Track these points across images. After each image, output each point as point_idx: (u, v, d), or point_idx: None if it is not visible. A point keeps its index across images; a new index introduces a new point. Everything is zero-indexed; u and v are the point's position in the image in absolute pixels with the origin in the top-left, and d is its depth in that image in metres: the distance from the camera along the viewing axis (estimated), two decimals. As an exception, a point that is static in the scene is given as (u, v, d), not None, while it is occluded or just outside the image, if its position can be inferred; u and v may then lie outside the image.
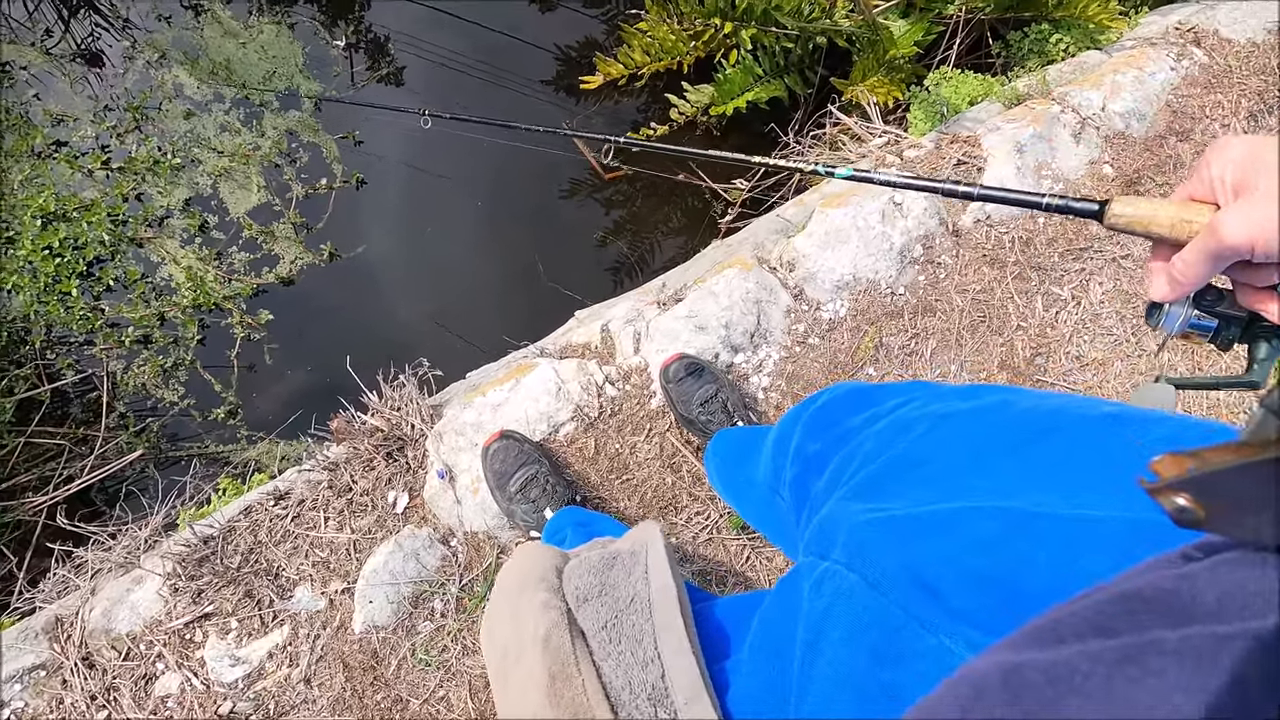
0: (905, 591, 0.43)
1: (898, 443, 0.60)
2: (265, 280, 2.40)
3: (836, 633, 0.45)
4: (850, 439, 0.69)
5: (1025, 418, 0.53)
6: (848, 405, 0.75)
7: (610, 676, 0.51)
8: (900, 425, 0.63)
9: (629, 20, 2.59)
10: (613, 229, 2.71)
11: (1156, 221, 0.47)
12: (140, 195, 2.42)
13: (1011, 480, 0.48)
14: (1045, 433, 0.50)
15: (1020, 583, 0.39)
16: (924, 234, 1.71)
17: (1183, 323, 0.49)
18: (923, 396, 0.67)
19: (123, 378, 2.30)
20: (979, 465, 0.51)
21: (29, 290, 2.26)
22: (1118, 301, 1.72)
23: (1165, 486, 0.26)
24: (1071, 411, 0.52)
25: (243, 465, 2.26)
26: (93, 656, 1.33)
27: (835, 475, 0.67)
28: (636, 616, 0.55)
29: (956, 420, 0.58)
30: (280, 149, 2.53)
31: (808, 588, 0.51)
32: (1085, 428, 0.49)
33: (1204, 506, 0.25)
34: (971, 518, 0.45)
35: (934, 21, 2.18)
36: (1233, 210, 0.42)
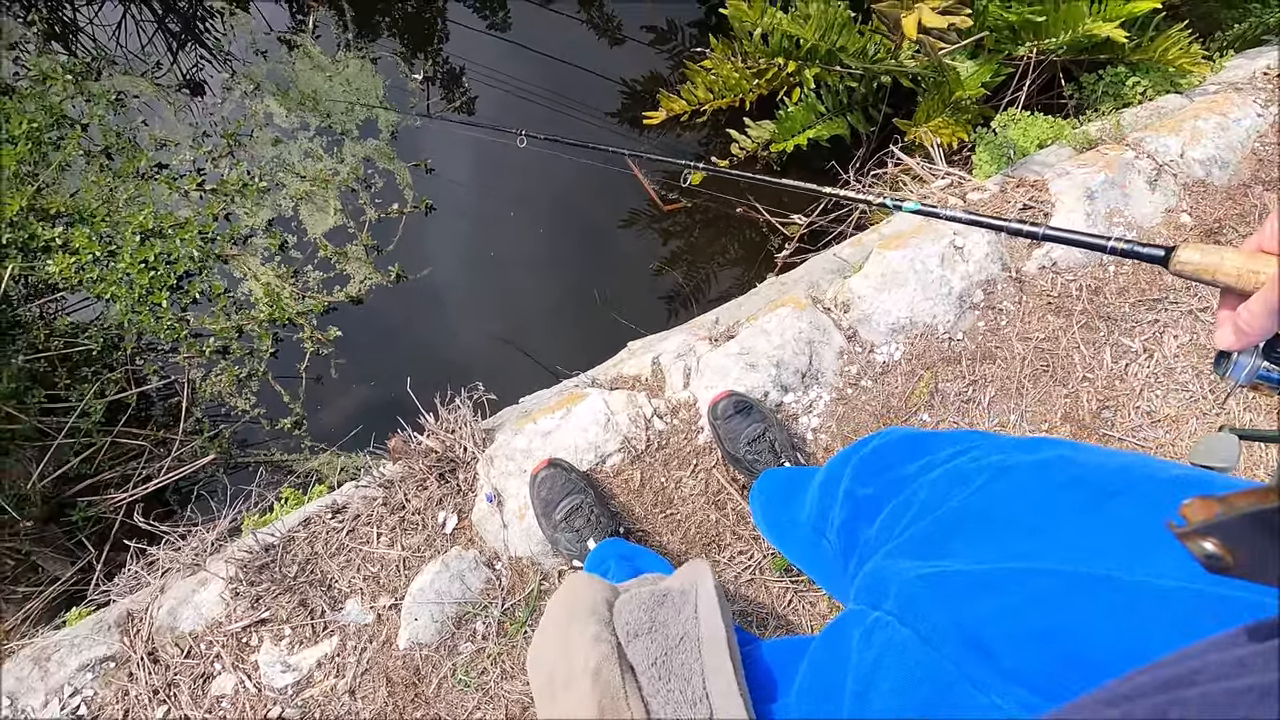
0: (958, 649, 0.43)
1: (954, 496, 0.60)
2: (336, 298, 2.52)
3: (887, 684, 0.45)
4: (904, 486, 0.68)
5: (1089, 477, 0.52)
6: (902, 451, 0.75)
7: (658, 713, 0.52)
8: (957, 476, 0.62)
9: (694, 58, 2.64)
10: (669, 259, 2.74)
11: (1223, 270, 0.47)
12: (229, 215, 2.58)
13: (1073, 542, 0.47)
14: (1110, 495, 0.49)
15: (1077, 647, 0.38)
16: (985, 279, 1.67)
17: (1250, 373, 0.48)
18: (981, 447, 0.66)
19: (201, 385, 2.44)
20: (1039, 525, 0.50)
21: (125, 300, 2.43)
22: (1194, 356, 1.64)
23: (1193, 531, 0.26)
24: (1137, 473, 0.51)
25: (305, 475, 2.36)
26: (158, 652, 1.40)
27: (888, 523, 0.67)
28: (686, 655, 0.55)
29: (1016, 475, 0.57)
30: (357, 175, 2.67)
31: (857, 636, 0.52)
32: (1152, 490, 0.48)
33: (1231, 552, 0.25)
34: (1030, 578, 0.45)
35: (1003, 63, 2.16)
36: None
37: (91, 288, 2.44)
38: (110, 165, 2.59)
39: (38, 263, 2.43)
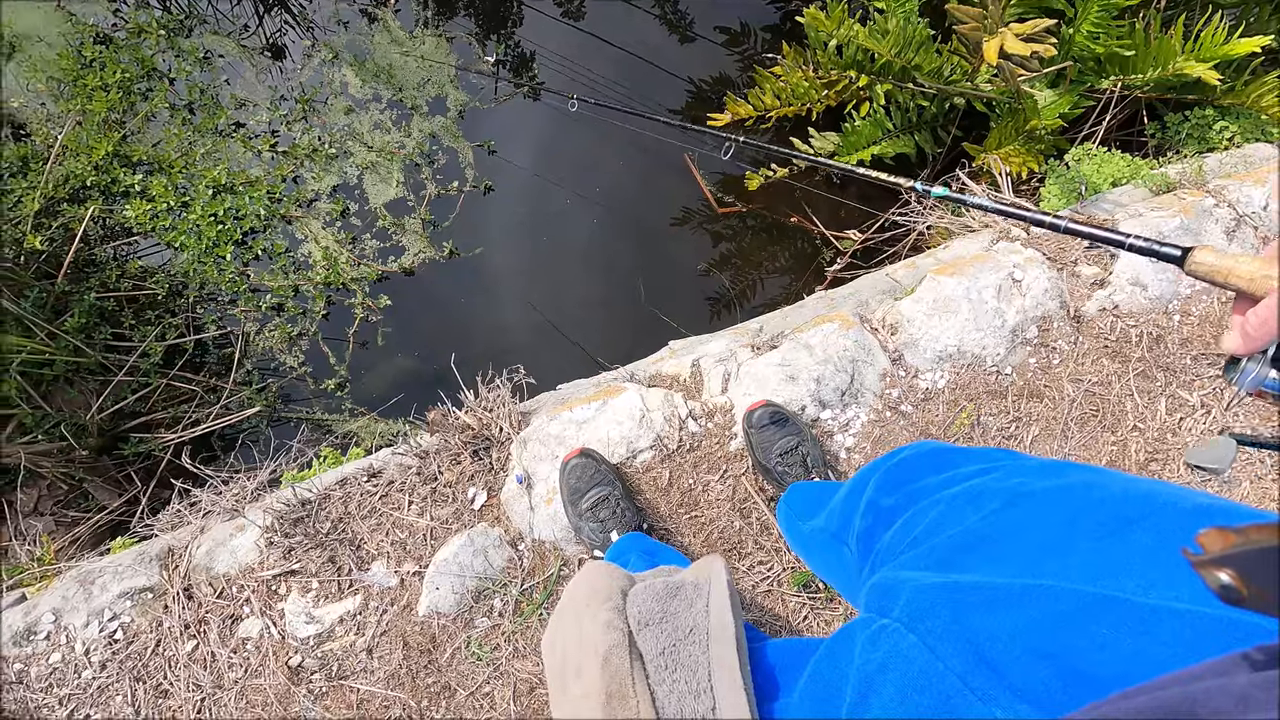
0: (964, 661, 0.43)
1: (969, 514, 0.60)
2: (389, 268, 2.58)
3: (889, 689, 0.46)
4: (922, 498, 0.68)
5: (1110, 503, 0.52)
6: (927, 464, 0.75)
7: (663, 701, 0.53)
8: (975, 495, 0.62)
9: (764, 63, 2.63)
10: (718, 262, 2.74)
11: (1236, 274, 0.47)
12: (297, 178, 2.67)
13: (1089, 564, 0.47)
14: (1130, 522, 0.49)
15: (1085, 665, 0.38)
16: (1041, 315, 1.63)
17: (1255, 379, 0.49)
18: (1006, 467, 0.65)
19: (254, 339, 2.53)
20: (1055, 547, 0.50)
21: (192, 250, 2.53)
22: (1255, 417, 1.58)
23: (1209, 561, 0.26)
24: (1159, 500, 0.50)
25: (343, 436, 2.43)
26: (193, 589, 1.47)
27: (901, 533, 0.67)
28: (694, 647, 0.56)
29: (1037, 500, 0.57)
30: (422, 150, 2.73)
31: (863, 641, 0.52)
32: (1172, 518, 0.48)
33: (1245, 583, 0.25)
34: (1041, 595, 0.45)
35: (1084, 95, 2.09)
36: None
37: (163, 235, 2.55)
38: (192, 120, 2.70)
39: (116, 206, 2.55)
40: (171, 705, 1.38)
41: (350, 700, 1.35)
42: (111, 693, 1.38)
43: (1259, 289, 0.46)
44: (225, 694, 1.38)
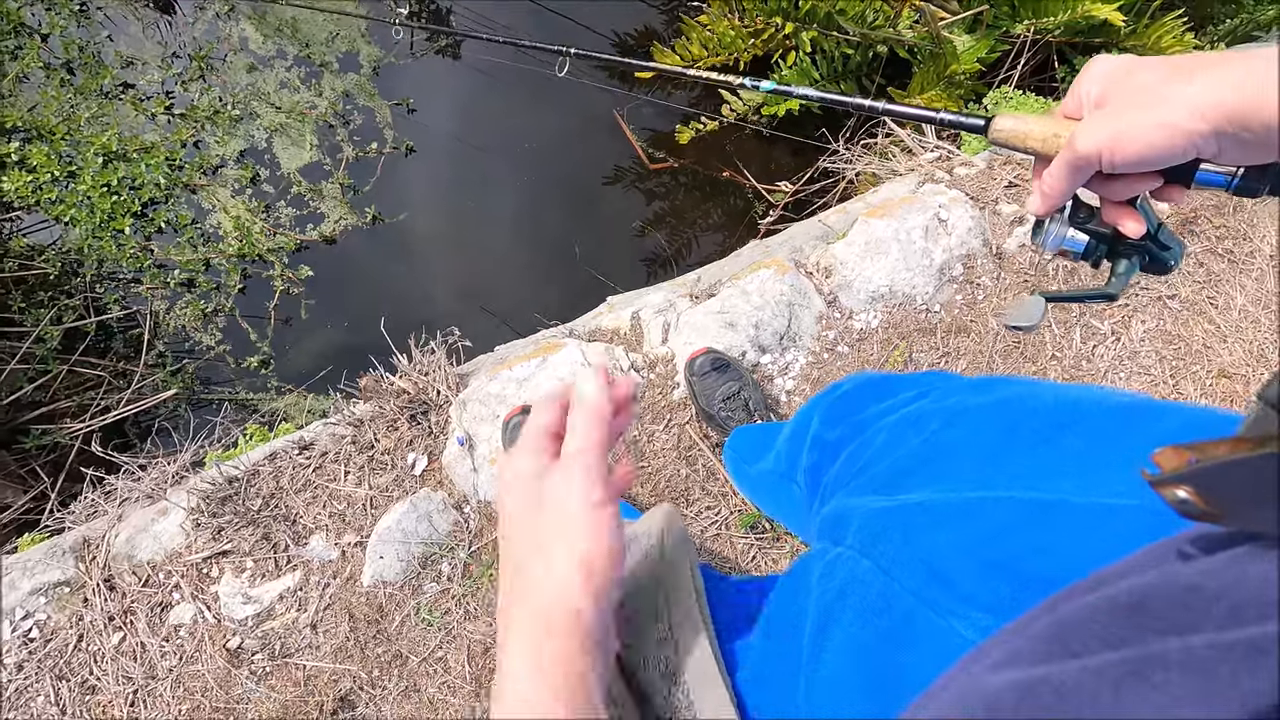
0: (917, 577, 0.44)
1: (911, 438, 0.61)
2: (309, 237, 2.45)
3: (848, 615, 0.46)
4: (866, 428, 0.69)
5: (1042, 412, 0.53)
6: (867, 394, 0.76)
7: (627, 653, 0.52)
8: (915, 419, 0.63)
9: (690, 13, 2.58)
10: (652, 220, 2.71)
11: (1032, 136, 0.48)
12: (198, 143, 2.48)
13: (1026, 472, 0.49)
14: (1061, 427, 0.51)
15: (1033, 569, 0.39)
16: (966, 253, 1.69)
17: (1056, 239, 0.51)
18: (941, 389, 0.67)
19: (165, 318, 2.37)
20: (994, 459, 0.52)
21: (85, 224, 2.33)
22: (1159, 341, 1.69)
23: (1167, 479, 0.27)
24: (1087, 403, 0.52)
25: (270, 415, 2.32)
26: (114, 580, 1.38)
27: (847, 463, 0.68)
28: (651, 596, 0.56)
29: (972, 416, 0.58)
30: (335, 110, 2.58)
31: (819, 572, 0.52)
32: (1101, 420, 0.50)
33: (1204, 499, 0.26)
34: (985, 507, 0.46)
35: (1000, 39, 2.15)
36: (1086, 121, 0.43)
37: (50, 209, 2.34)
38: (71, 81, 2.46)
39: (-8, 179, 2.32)
40: (101, 700, 1.30)
41: (297, 677, 1.31)
42: (32, 694, 1.30)
43: (1051, 149, 0.47)
44: (159, 684, 1.31)
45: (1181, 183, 0.45)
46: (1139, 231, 0.48)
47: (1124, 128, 0.41)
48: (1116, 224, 0.48)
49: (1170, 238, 0.51)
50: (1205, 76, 0.38)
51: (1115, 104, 0.42)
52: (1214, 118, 0.38)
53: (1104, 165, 0.43)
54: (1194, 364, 1.66)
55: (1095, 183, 0.46)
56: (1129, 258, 0.51)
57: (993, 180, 1.81)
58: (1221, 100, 0.37)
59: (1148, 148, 0.40)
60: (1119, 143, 0.41)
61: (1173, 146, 0.40)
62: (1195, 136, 0.39)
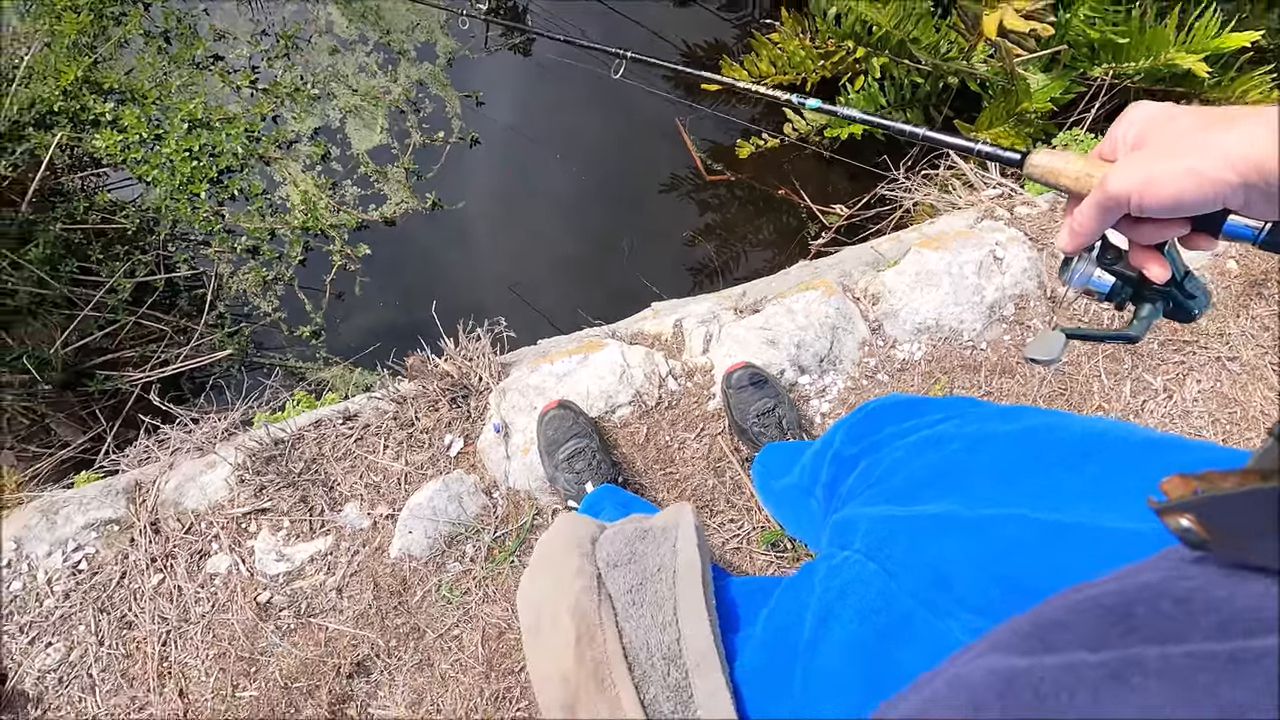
0: (919, 580, 0.45)
1: (929, 455, 0.62)
2: (370, 217, 2.53)
3: (848, 612, 0.48)
4: (885, 445, 0.70)
5: (1067, 442, 0.54)
6: (892, 414, 0.77)
7: (630, 636, 0.54)
8: (936, 439, 0.64)
9: (762, 29, 2.60)
10: (703, 230, 2.73)
11: (1065, 174, 0.49)
12: (277, 117, 2.59)
13: (1044, 494, 0.49)
14: (1085, 456, 0.51)
15: (1037, 583, 0.40)
16: (1019, 293, 1.66)
17: (1081, 278, 0.51)
18: (967, 414, 0.68)
19: (228, 281, 2.47)
20: (1012, 480, 0.53)
21: (165, 185, 2.46)
22: (1213, 403, 1.63)
23: (1172, 507, 0.27)
24: (1111, 436, 0.52)
25: (316, 384, 2.40)
26: (160, 524, 1.45)
27: (863, 475, 0.69)
28: (661, 584, 0.58)
29: (997, 442, 0.59)
30: (408, 97, 2.67)
31: (824, 571, 0.54)
32: (1124, 451, 0.50)
33: (1207, 529, 0.26)
34: (998, 523, 0.46)
35: (1076, 81, 2.11)
36: (1120, 163, 0.43)
37: (134, 168, 2.47)
38: (167, 49, 2.60)
39: (86, 135, 2.46)
40: (136, 637, 1.37)
41: (319, 638, 1.36)
42: (74, 622, 1.37)
43: (1083, 188, 0.47)
44: (191, 627, 1.37)
45: (1209, 232, 0.45)
46: (1164, 277, 0.48)
47: (1155, 172, 0.41)
48: (1142, 268, 0.48)
49: (1197, 287, 0.51)
50: (1242, 127, 0.38)
51: (1151, 148, 0.43)
52: (1243, 169, 0.38)
53: (1133, 208, 0.43)
54: (1249, 430, 1.61)
55: (1124, 225, 0.46)
56: (1153, 302, 0.51)
57: (1054, 222, 1.78)
58: (1251, 152, 0.37)
59: (1176, 194, 0.40)
60: (1149, 186, 0.41)
61: (1200, 194, 0.40)
62: (1223, 186, 0.39)
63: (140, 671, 1.34)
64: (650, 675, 0.52)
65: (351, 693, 1.33)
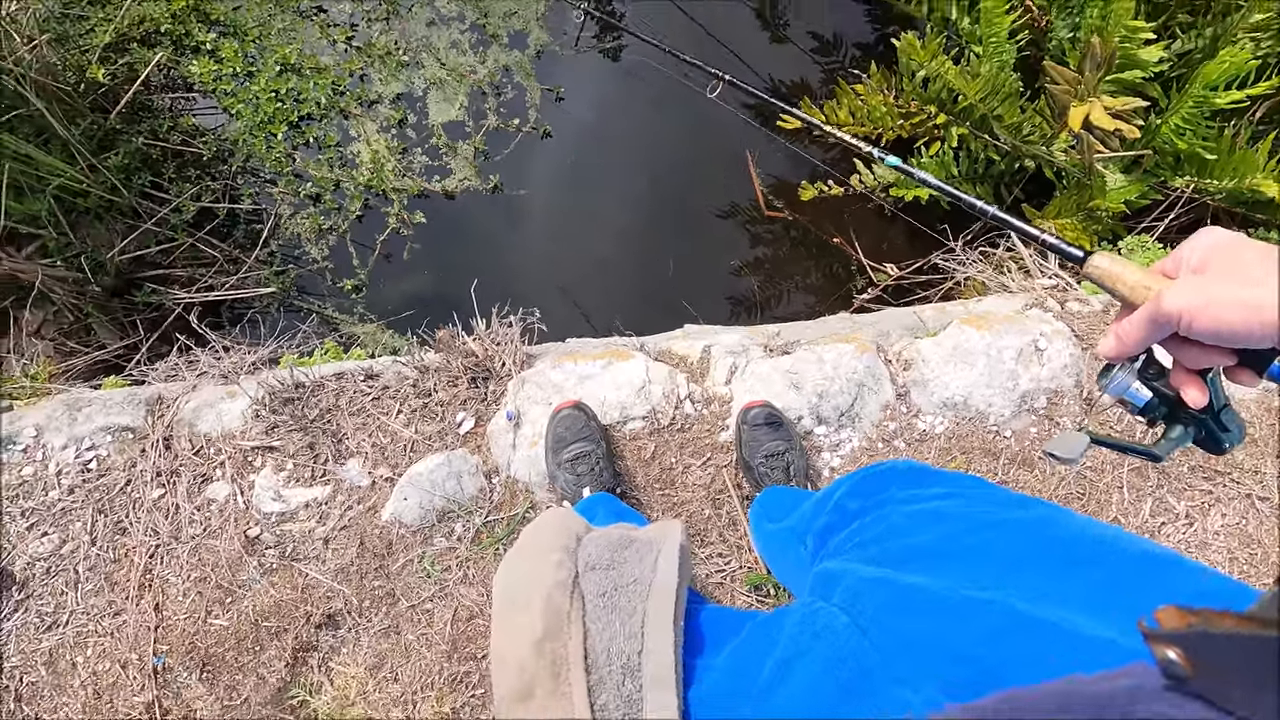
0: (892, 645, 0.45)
1: (926, 530, 0.61)
2: (432, 187, 2.59)
3: (813, 659, 0.48)
4: (886, 506, 0.70)
5: (1065, 542, 0.53)
6: (900, 479, 0.77)
7: (594, 639, 0.55)
8: (936, 515, 0.64)
9: (848, 78, 2.60)
10: (751, 263, 2.73)
11: (1123, 280, 0.49)
12: (364, 76, 2.67)
13: (1033, 589, 0.49)
14: (1079, 562, 0.51)
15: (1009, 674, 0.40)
16: (1054, 388, 1.63)
17: (1119, 386, 0.51)
18: (972, 495, 0.67)
19: (285, 222, 2.54)
20: (1005, 568, 0.52)
21: (246, 120, 2.54)
22: (1235, 540, 1.58)
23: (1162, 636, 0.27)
24: (1110, 544, 0.52)
25: (348, 338, 2.45)
26: (172, 441, 1.49)
27: (857, 533, 0.69)
28: (634, 596, 0.58)
29: (995, 529, 0.58)
30: (492, 80, 2.72)
31: (798, 617, 0.54)
32: (1123, 563, 0.50)
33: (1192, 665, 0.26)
34: (980, 607, 0.46)
35: (1154, 188, 2.07)
36: (1178, 282, 0.44)
37: (222, 99, 2.56)
38: (276, -7, 2.69)
39: (184, 60, 2.56)
40: (127, 544, 1.41)
41: (297, 583, 1.38)
42: (73, 518, 1.41)
43: (1138, 298, 0.47)
44: (180, 547, 1.40)
45: (1255, 369, 0.45)
46: (1201, 403, 0.48)
47: (1210, 298, 0.41)
48: (1181, 389, 0.48)
49: (1232, 420, 0.50)
50: None
51: (1212, 274, 0.43)
52: None
53: (1182, 328, 0.43)
54: (1267, 575, 1.55)
55: (1171, 344, 0.46)
56: (1185, 426, 0.50)
57: (1103, 324, 1.75)
58: None
59: (1228, 323, 0.40)
60: (1202, 310, 0.41)
61: (1249, 329, 0.40)
62: (1272, 327, 0.39)
63: (124, 578, 1.37)
64: (606, 682, 0.53)
65: (317, 643, 1.35)
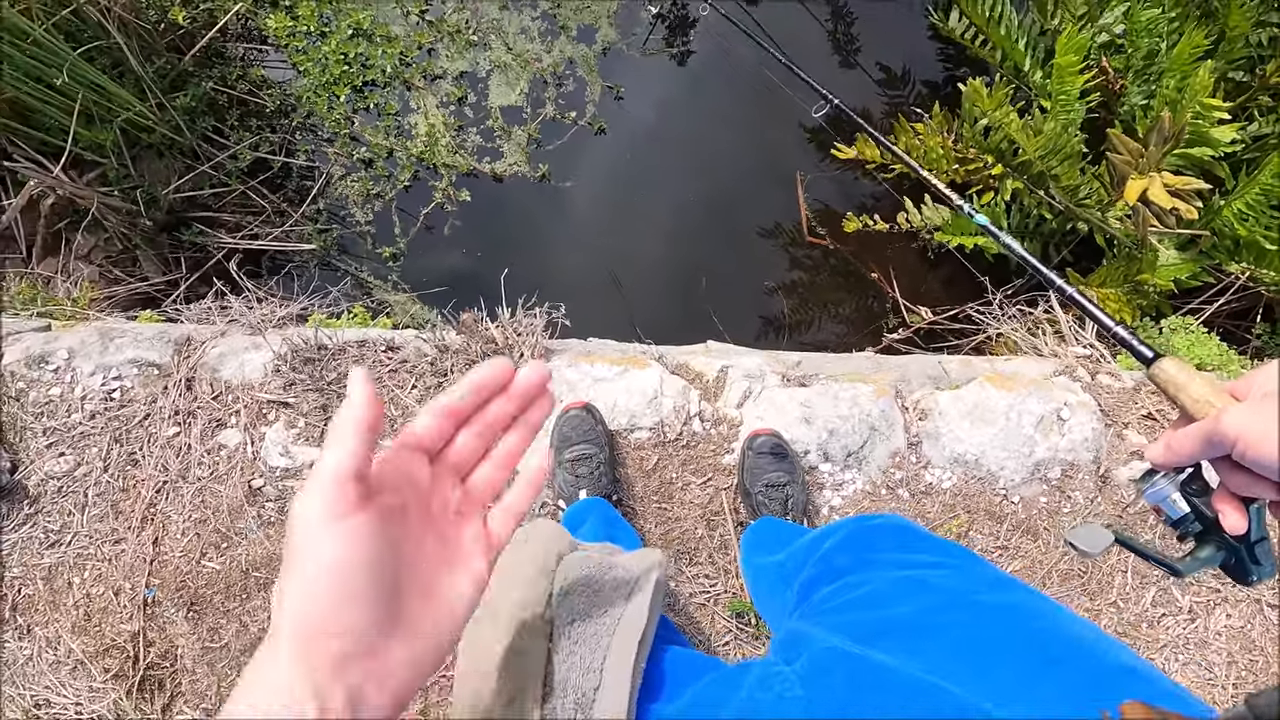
0: None
1: (906, 602, 0.61)
2: (481, 168, 2.62)
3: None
4: (873, 569, 0.70)
5: (1043, 637, 0.53)
6: (892, 538, 0.76)
7: (556, 666, 0.55)
8: (919, 585, 0.63)
9: (910, 115, 2.57)
10: (785, 286, 2.72)
11: (1187, 391, 0.48)
12: (431, 50, 2.71)
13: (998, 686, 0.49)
14: (1054, 661, 0.50)
15: None
16: (1071, 461, 1.60)
17: (1157, 494, 0.50)
18: (960, 569, 0.67)
19: (335, 183, 2.60)
20: (972, 659, 0.52)
21: (313, 79, 2.60)
22: (1236, 643, 1.53)
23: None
24: (1088, 648, 0.52)
25: (379, 304, 2.49)
26: (194, 383, 1.54)
27: (837, 593, 0.69)
28: (602, 629, 0.58)
29: (974, 611, 0.58)
30: (555, 70, 2.74)
31: (757, 677, 0.54)
32: (1095, 670, 0.50)
33: None
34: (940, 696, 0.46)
35: (1208, 269, 2.01)
36: (1243, 405, 0.44)
37: (293, 55, 2.62)
38: (359, -42, 2.74)
39: (261, 12, 2.62)
40: (137, 476, 1.45)
41: (291, 539, 1.41)
42: (90, 443, 1.46)
43: (1198, 413, 0.47)
44: (186, 486, 1.45)
45: None
46: (1238, 530, 0.47)
47: (1270, 429, 0.41)
48: (1221, 512, 0.48)
49: (1266, 555, 0.49)
50: None
51: None
52: None
53: (1236, 453, 0.43)
54: (1265, 683, 1.50)
55: (1221, 465, 0.46)
56: (1216, 549, 0.50)
57: (1133, 404, 1.71)
58: None
59: None
60: (1259, 440, 0.41)
61: None
62: None
63: (129, 509, 1.42)
64: (558, 711, 0.53)
65: (301, 600, 1.38)
